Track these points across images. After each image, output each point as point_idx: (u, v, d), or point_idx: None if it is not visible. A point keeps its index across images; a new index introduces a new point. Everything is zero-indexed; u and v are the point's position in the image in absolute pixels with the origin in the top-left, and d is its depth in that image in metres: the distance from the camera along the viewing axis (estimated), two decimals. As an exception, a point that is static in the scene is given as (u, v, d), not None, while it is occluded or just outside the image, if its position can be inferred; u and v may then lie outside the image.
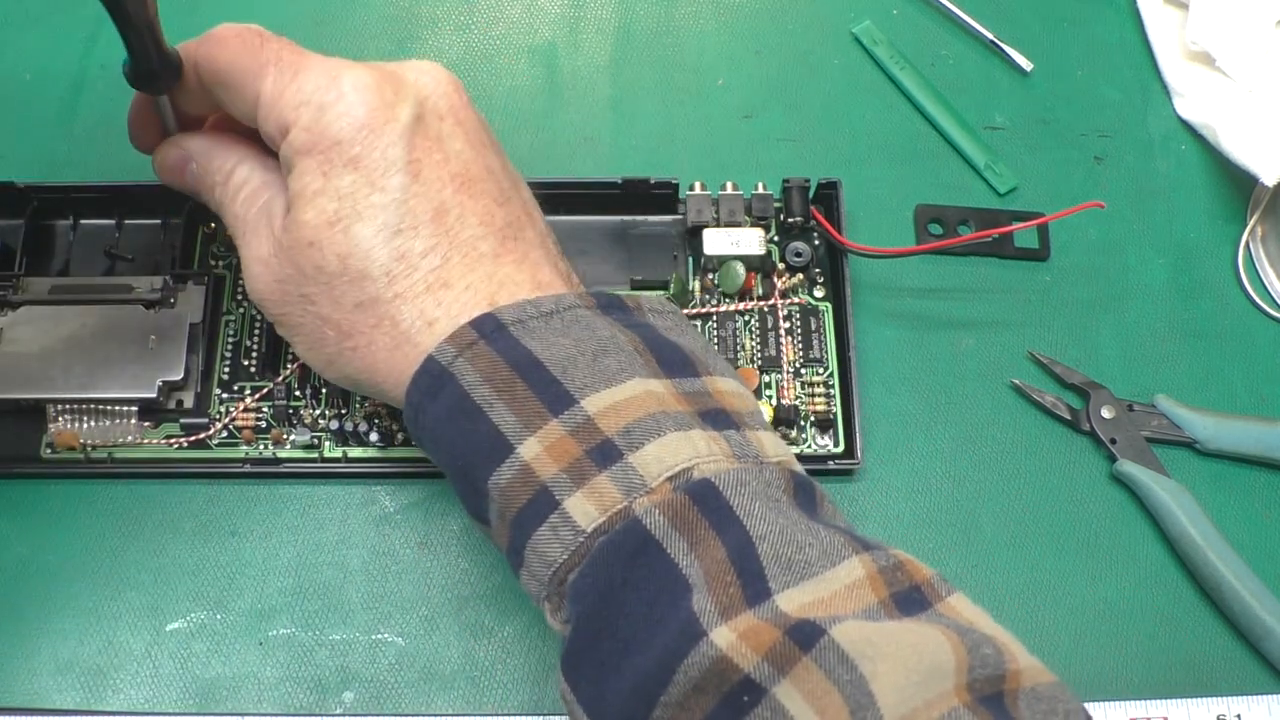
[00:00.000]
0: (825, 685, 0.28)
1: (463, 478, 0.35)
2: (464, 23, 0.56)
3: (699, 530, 0.31)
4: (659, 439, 0.33)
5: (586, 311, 0.36)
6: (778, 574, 0.31)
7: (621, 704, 0.31)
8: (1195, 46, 0.54)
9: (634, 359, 0.35)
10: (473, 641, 0.44)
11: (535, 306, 0.36)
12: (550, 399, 0.33)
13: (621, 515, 0.32)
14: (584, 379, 0.34)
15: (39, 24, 0.55)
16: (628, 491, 0.32)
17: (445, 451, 0.36)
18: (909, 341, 0.49)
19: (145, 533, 0.45)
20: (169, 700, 0.43)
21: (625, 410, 0.33)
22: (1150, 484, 0.46)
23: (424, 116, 0.37)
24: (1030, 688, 0.29)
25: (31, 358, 0.45)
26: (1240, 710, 0.43)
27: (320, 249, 0.36)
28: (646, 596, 0.31)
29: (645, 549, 0.31)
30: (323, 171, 0.36)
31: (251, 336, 0.47)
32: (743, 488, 0.32)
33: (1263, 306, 0.51)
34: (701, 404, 0.35)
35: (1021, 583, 0.46)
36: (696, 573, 0.31)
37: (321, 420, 0.46)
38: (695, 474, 0.32)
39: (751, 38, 0.56)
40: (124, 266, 0.49)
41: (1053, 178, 0.53)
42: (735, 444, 0.34)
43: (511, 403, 0.34)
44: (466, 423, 0.34)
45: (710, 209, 0.49)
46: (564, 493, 0.33)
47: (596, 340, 0.35)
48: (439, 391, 0.35)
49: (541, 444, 0.33)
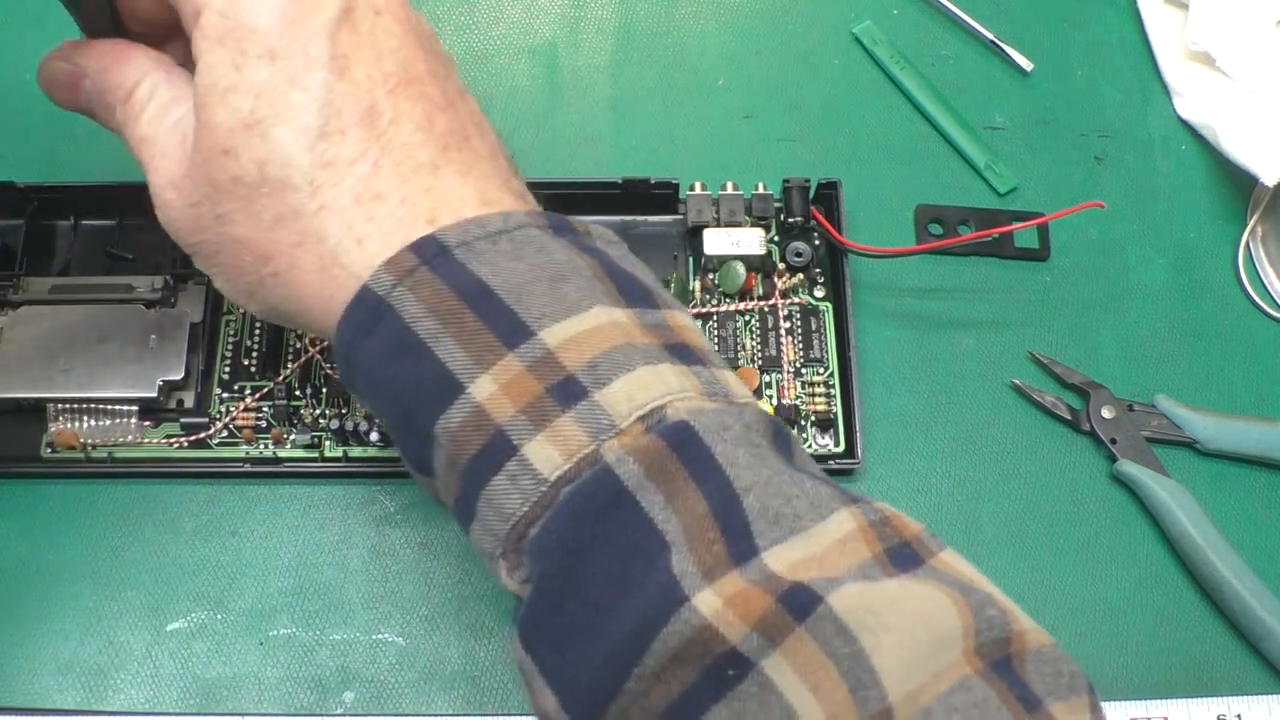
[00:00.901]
0: (821, 659, 0.26)
1: (404, 423, 0.32)
2: (464, 23, 0.56)
3: (677, 480, 0.28)
4: (628, 374, 0.29)
5: (538, 232, 0.32)
6: (765, 529, 0.28)
7: (590, 674, 0.28)
8: (1195, 46, 0.54)
9: (594, 285, 0.31)
10: (473, 641, 0.44)
11: (481, 225, 0.31)
12: (504, 330, 0.30)
13: (589, 461, 0.29)
14: (541, 307, 0.30)
15: (39, 24, 0.55)
16: (595, 434, 0.29)
17: (384, 394, 0.32)
18: (909, 341, 0.50)
19: (145, 533, 0.45)
20: (169, 700, 0.43)
21: (589, 342, 0.30)
22: (1150, 484, 0.46)
23: (355, 9, 0.33)
24: (1035, 649, 0.28)
25: (31, 358, 0.45)
26: (1240, 710, 0.43)
27: (236, 156, 0.32)
28: (619, 554, 0.28)
29: (618, 501, 0.28)
30: (235, 64, 0.32)
31: (252, 336, 0.47)
32: (724, 431, 0.29)
33: (1263, 306, 0.51)
34: (665, 337, 0.31)
35: (1021, 583, 0.46)
36: (674, 528, 0.28)
37: (322, 420, 0.46)
38: (669, 413, 0.29)
39: (752, 38, 0.56)
40: (124, 266, 0.49)
41: (1053, 178, 0.53)
42: (705, 381, 0.31)
43: (460, 336, 0.30)
44: (408, 360, 0.30)
45: (710, 209, 0.49)
46: (523, 437, 0.29)
47: (553, 264, 0.31)
48: (375, 326, 0.31)
49: (496, 382, 0.30)
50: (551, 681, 0.29)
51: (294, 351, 0.47)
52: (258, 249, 0.33)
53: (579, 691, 0.29)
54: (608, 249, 0.34)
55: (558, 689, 0.29)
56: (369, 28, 0.33)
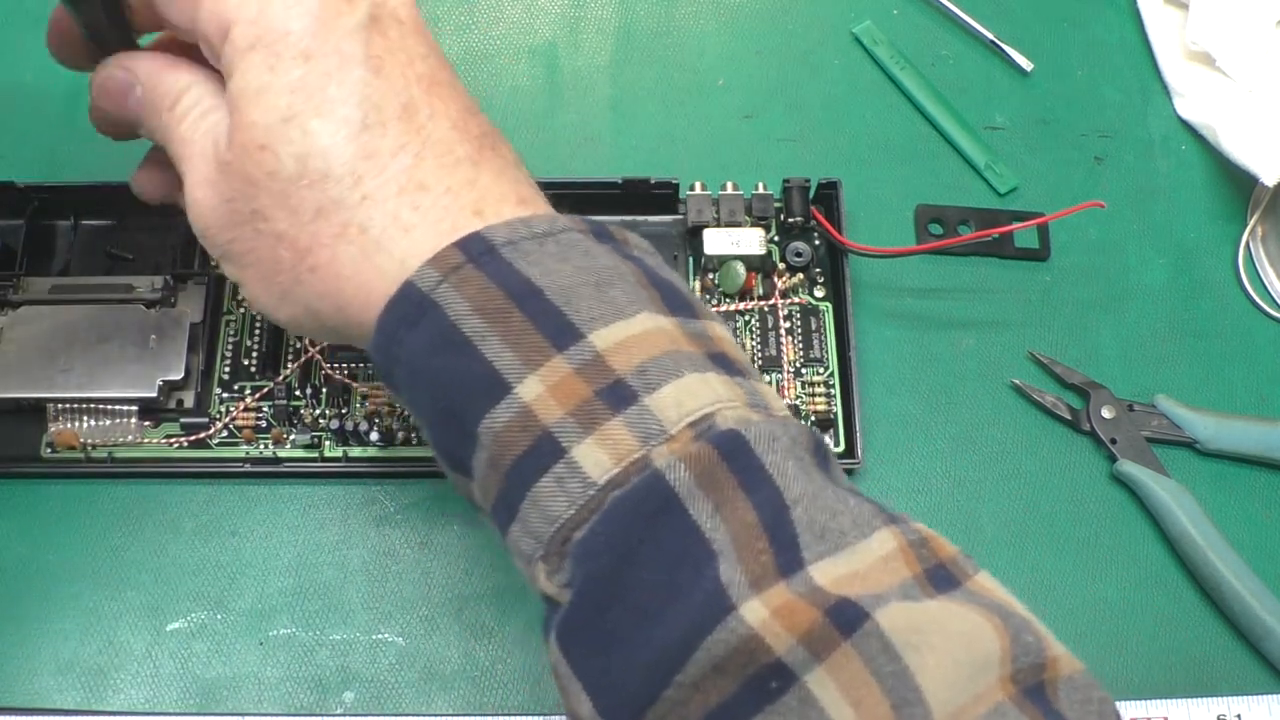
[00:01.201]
0: (864, 676, 0.26)
1: (446, 419, 0.31)
2: (464, 23, 0.56)
3: (727, 489, 0.28)
4: (677, 380, 0.29)
5: (581, 236, 0.32)
6: (811, 543, 0.28)
7: (630, 681, 0.28)
8: (1195, 46, 0.54)
9: (639, 292, 0.31)
10: (473, 641, 0.44)
11: (528, 226, 0.31)
12: (553, 332, 0.30)
13: (638, 466, 0.28)
14: (590, 310, 0.30)
15: (39, 24, 0.55)
16: (645, 439, 0.29)
17: (425, 389, 0.31)
18: (909, 341, 0.50)
19: (145, 533, 0.45)
20: (169, 700, 0.43)
21: (637, 347, 0.30)
22: (1150, 484, 0.46)
23: (381, 18, 0.34)
24: (1068, 676, 0.28)
25: (31, 358, 0.45)
26: (1240, 710, 0.43)
27: (274, 151, 0.32)
28: (666, 561, 0.28)
29: (667, 507, 0.28)
30: (269, 65, 0.32)
31: (252, 336, 0.47)
32: (774, 443, 0.29)
33: (1263, 306, 0.51)
34: (707, 346, 0.31)
35: (1021, 583, 0.45)
36: (723, 537, 0.28)
37: (322, 420, 0.46)
38: (718, 422, 0.29)
39: (752, 38, 0.56)
40: (124, 266, 0.49)
41: (1053, 178, 0.53)
42: (748, 391, 0.31)
43: (507, 335, 0.30)
44: (453, 357, 0.30)
45: (710, 209, 0.49)
46: (571, 439, 0.29)
47: (599, 268, 0.31)
48: (419, 320, 0.31)
49: (544, 383, 0.29)
50: (589, 686, 0.29)
51: (294, 352, 0.47)
52: (297, 243, 0.33)
53: (617, 697, 0.28)
54: (645, 258, 0.34)
55: (594, 694, 0.29)
56: (397, 34, 0.34)
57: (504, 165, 0.34)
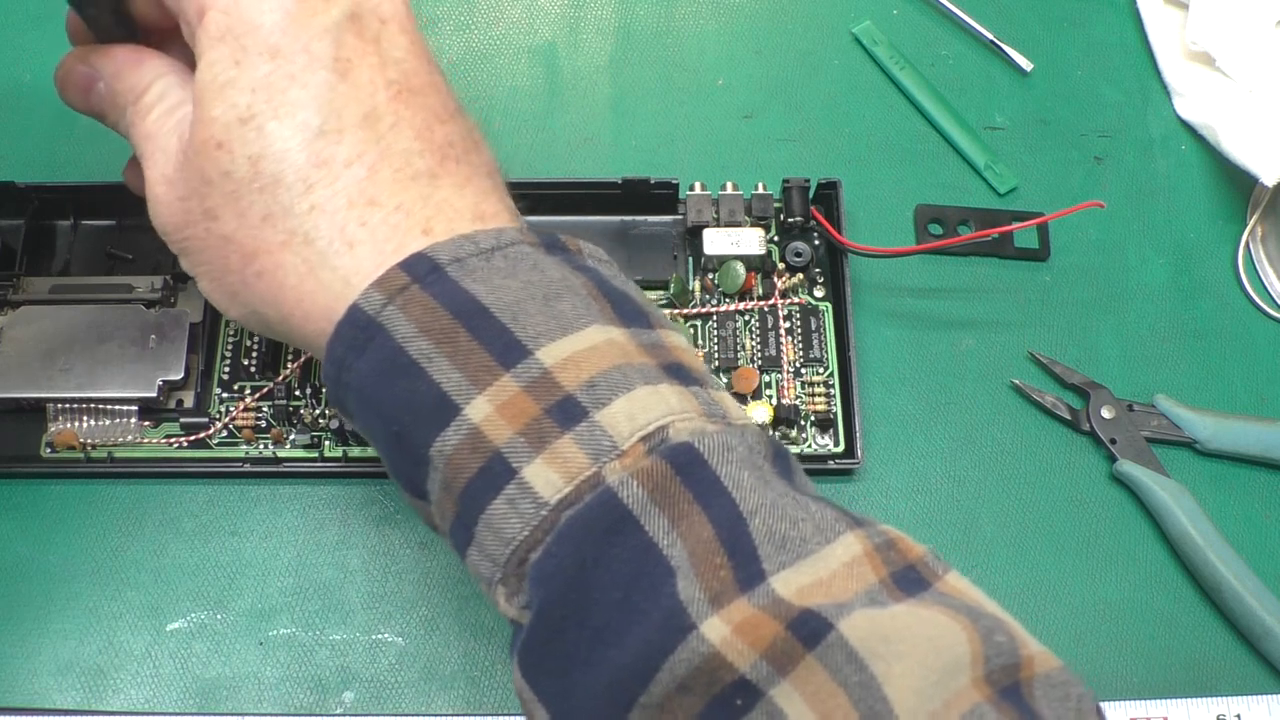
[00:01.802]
0: (831, 688, 0.26)
1: (396, 445, 0.31)
2: (464, 23, 0.56)
3: (682, 504, 0.28)
4: (628, 393, 0.29)
5: (530, 249, 0.31)
6: (771, 553, 0.27)
7: (592, 703, 0.28)
8: (1195, 46, 0.54)
9: (590, 304, 0.30)
10: (473, 641, 0.44)
11: (473, 242, 0.31)
12: (499, 350, 0.29)
13: (590, 484, 0.28)
14: (537, 326, 0.29)
15: (39, 24, 0.55)
16: (596, 455, 0.28)
17: (375, 414, 0.31)
18: (909, 341, 0.50)
19: (145, 533, 0.45)
20: (169, 700, 0.43)
21: (586, 361, 0.29)
22: (1150, 484, 0.46)
23: (361, 16, 0.33)
24: (1044, 674, 0.28)
25: (31, 358, 0.45)
26: (1240, 710, 0.43)
27: (229, 150, 0.32)
28: (622, 580, 0.28)
29: (621, 525, 0.28)
30: (235, 60, 0.32)
31: (252, 336, 0.47)
32: (729, 453, 0.28)
33: (1263, 306, 0.51)
34: (661, 357, 0.31)
35: (1021, 583, 0.46)
36: (680, 553, 0.27)
37: (322, 420, 0.46)
38: (671, 434, 0.29)
39: (751, 38, 0.56)
40: (124, 266, 0.49)
41: (1053, 178, 0.53)
42: (704, 402, 0.30)
43: (454, 356, 0.29)
44: (401, 381, 0.30)
45: (710, 209, 0.49)
46: (522, 459, 0.28)
47: (547, 282, 0.30)
48: (366, 345, 0.30)
49: (492, 403, 0.29)
50: (551, 709, 0.29)
51: (294, 352, 0.47)
52: (244, 246, 0.32)
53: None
54: (601, 268, 0.33)
55: (558, 717, 0.29)
56: (374, 34, 0.33)
57: (469, 175, 0.33)
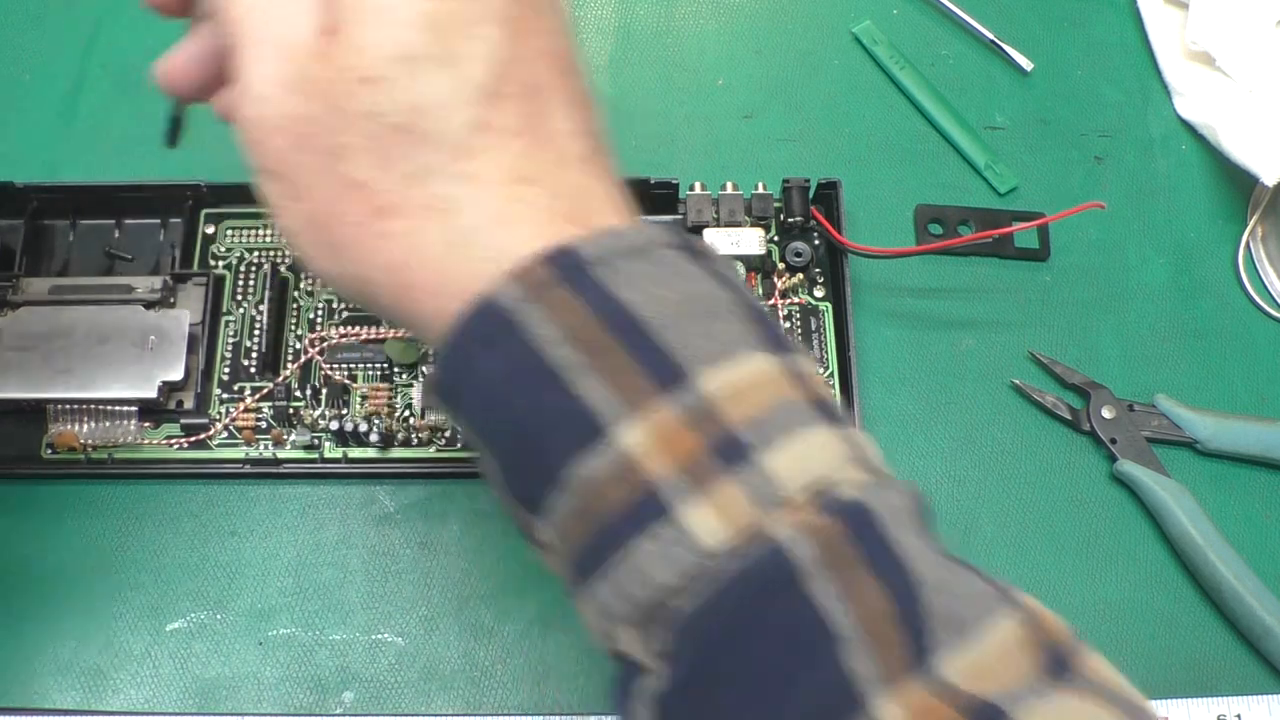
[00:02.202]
0: None
1: (520, 455, 0.27)
2: (464, 23, 0.56)
3: (856, 569, 0.25)
4: (789, 435, 0.26)
5: (674, 254, 0.28)
6: (935, 629, 0.25)
7: None
8: (1195, 46, 0.54)
9: (746, 325, 0.27)
10: (473, 641, 0.44)
11: (617, 238, 0.27)
12: (655, 370, 0.26)
13: (754, 535, 0.25)
14: (696, 347, 0.26)
15: (39, 24, 0.55)
16: (761, 504, 0.26)
17: (498, 416, 0.27)
18: (909, 341, 0.49)
19: (145, 533, 0.45)
20: (169, 700, 0.43)
21: (750, 396, 0.26)
22: (1150, 484, 0.46)
23: None
24: None
25: (31, 358, 0.45)
26: (1240, 710, 0.43)
27: (385, 90, 0.27)
28: (786, 643, 0.25)
29: (790, 586, 0.25)
30: None
31: (251, 337, 0.47)
32: (897, 515, 0.26)
33: (1263, 306, 0.51)
34: (808, 390, 0.28)
35: (1021, 583, 0.45)
36: (850, 622, 0.25)
37: (321, 420, 0.46)
38: (841, 490, 0.26)
39: (751, 38, 0.56)
40: (124, 266, 0.49)
41: (1053, 178, 0.53)
42: (852, 446, 0.28)
43: (603, 371, 0.26)
44: (537, 388, 0.26)
45: (710, 209, 0.49)
46: (679, 499, 0.25)
47: (700, 295, 0.27)
48: (498, 340, 0.27)
49: (645, 430, 0.26)
50: None
51: (294, 352, 0.47)
52: (375, 200, 0.28)
53: None
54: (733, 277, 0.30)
55: None
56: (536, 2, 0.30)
57: (609, 167, 0.30)
